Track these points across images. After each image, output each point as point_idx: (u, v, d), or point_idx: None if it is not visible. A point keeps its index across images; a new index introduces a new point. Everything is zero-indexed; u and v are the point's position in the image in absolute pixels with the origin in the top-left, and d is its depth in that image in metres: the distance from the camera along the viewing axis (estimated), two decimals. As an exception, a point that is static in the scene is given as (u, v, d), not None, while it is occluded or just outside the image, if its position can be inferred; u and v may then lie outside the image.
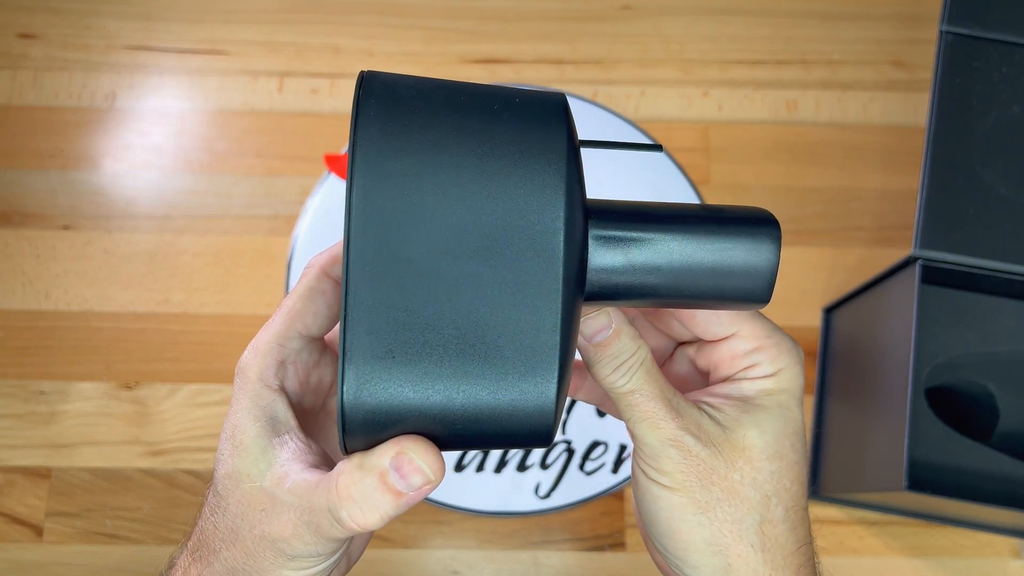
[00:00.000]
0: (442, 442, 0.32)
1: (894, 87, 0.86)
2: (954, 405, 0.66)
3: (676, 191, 0.81)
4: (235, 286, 0.79)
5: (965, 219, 0.59)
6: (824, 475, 0.74)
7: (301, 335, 0.36)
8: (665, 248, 0.33)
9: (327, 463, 0.35)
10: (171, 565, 0.38)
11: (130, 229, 0.80)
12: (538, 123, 0.31)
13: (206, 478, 0.74)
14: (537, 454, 0.74)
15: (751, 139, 0.84)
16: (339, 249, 0.36)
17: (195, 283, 0.79)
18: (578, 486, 0.74)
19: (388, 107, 0.30)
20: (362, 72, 0.31)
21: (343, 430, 0.31)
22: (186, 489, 0.74)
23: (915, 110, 0.85)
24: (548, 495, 0.73)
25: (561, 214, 0.31)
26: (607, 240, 0.33)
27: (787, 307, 0.80)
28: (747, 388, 0.36)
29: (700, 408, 0.36)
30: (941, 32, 0.63)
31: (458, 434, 0.31)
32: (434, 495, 0.73)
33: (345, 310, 0.30)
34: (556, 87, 0.85)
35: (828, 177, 0.84)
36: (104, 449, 0.74)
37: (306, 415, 0.38)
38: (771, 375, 0.36)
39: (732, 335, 0.36)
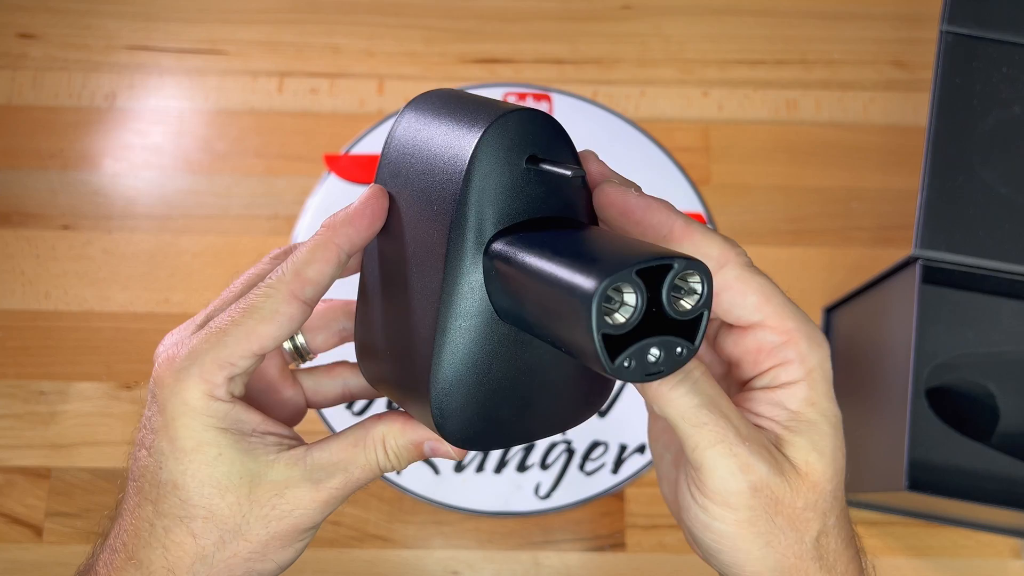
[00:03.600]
0: None
1: (894, 87, 0.86)
2: (954, 405, 0.66)
3: (676, 191, 0.81)
4: (235, 286, 0.79)
5: (965, 219, 0.59)
6: (824, 475, 0.74)
7: (255, 354, 0.34)
8: (516, 273, 0.30)
9: (295, 435, 0.36)
10: (89, 568, 0.37)
11: (130, 229, 0.80)
12: (467, 131, 0.32)
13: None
14: (538, 454, 0.74)
15: (751, 139, 0.84)
16: (305, 268, 0.33)
17: (195, 283, 0.79)
18: (578, 486, 0.74)
19: (409, 120, 0.35)
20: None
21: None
22: (186, 489, 0.74)
23: (915, 110, 0.85)
24: (548, 495, 0.73)
25: (446, 222, 0.31)
26: (495, 257, 0.31)
27: (787, 307, 0.79)
28: (789, 402, 0.33)
29: (758, 428, 0.33)
30: (941, 32, 0.63)
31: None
32: (434, 495, 0.73)
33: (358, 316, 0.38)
34: (556, 87, 0.85)
35: (828, 177, 0.83)
36: (104, 449, 0.74)
37: (254, 396, 0.39)
38: (802, 380, 0.33)
39: (757, 323, 0.33)
